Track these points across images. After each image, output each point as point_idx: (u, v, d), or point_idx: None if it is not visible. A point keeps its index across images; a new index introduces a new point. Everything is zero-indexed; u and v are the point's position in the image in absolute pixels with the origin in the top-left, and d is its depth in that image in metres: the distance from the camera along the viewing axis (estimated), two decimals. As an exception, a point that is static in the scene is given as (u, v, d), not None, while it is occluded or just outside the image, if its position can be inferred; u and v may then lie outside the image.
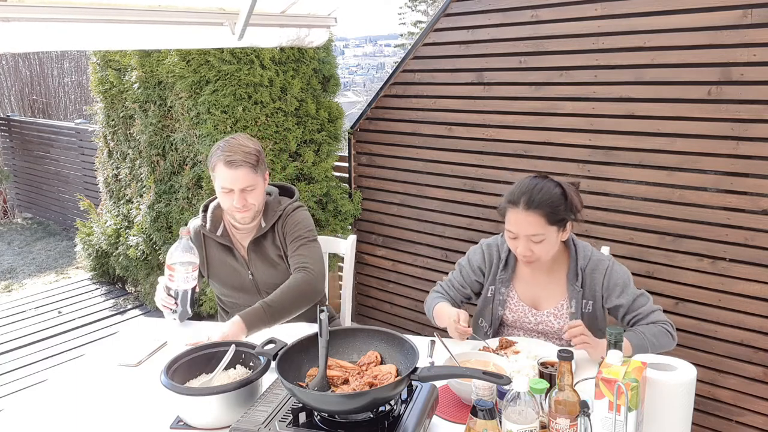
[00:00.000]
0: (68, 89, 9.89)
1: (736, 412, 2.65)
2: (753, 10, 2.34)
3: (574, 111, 2.86)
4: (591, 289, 1.92)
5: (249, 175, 2.03)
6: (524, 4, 2.92)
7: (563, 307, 1.95)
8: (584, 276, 1.92)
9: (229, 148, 2.04)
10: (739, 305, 2.56)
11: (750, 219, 2.48)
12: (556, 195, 1.83)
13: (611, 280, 1.90)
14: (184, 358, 1.62)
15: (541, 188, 1.83)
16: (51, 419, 1.58)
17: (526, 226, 1.81)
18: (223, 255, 2.21)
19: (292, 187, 2.32)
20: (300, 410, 1.34)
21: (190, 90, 3.44)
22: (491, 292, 2.03)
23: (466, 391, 1.53)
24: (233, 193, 2.04)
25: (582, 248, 1.96)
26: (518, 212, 1.82)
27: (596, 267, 1.92)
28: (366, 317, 4.00)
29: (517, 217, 1.83)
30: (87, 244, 4.91)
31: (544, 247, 1.85)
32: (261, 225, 2.18)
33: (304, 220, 2.20)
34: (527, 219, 1.81)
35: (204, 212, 2.24)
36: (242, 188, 2.03)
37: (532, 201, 1.80)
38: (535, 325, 1.98)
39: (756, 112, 2.39)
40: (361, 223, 3.89)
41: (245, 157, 2.02)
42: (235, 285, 2.22)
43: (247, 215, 2.09)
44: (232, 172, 2.01)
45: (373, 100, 3.68)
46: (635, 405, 1.28)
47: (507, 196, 1.88)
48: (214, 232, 2.18)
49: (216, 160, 2.04)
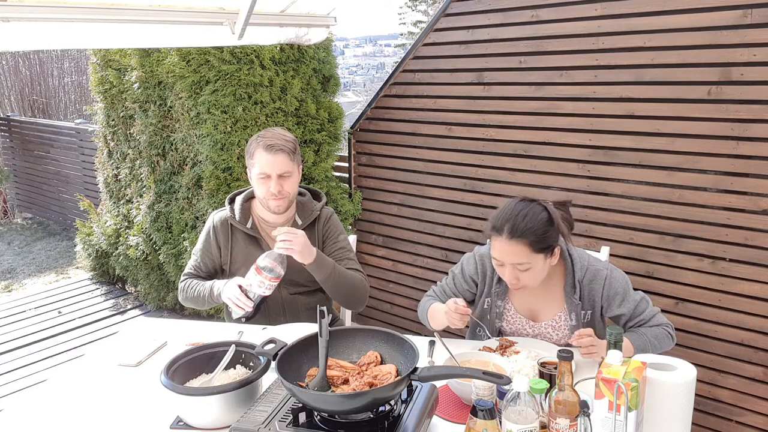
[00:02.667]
0: (68, 89, 9.89)
1: (736, 412, 2.65)
2: (753, 10, 2.34)
3: (574, 111, 2.86)
4: (590, 300, 1.89)
5: (287, 161, 2.09)
6: (524, 4, 2.92)
7: (561, 319, 1.92)
8: (582, 288, 1.88)
9: (270, 134, 2.11)
10: (739, 305, 2.56)
11: (750, 219, 2.48)
12: (541, 222, 1.77)
13: (611, 290, 1.86)
14: (184, 358, 1.62)
15: (525, 215, 1.77)
16: (51, 419, 1.58)
17: (510, 255, 1.77)
18: (250, 248, 2.20)
19: (318, 190, 2.36)
20: (300, 410, 1.34)
21: (190, 90, 3.44)
22: (488, 305, 2.01)
23: (466, 391, 1.53)
24: (269, 180, 2.08)
25: (578, 259, 1.90)
26: (502, 241, 1.77)
27: (594, 278, 1.87)
28: (366, 317, 3.99)
29: (501, 246, 1.78)
30: (87, 244, 4.91)
31: (531, 275, 1.79)
32: (297, 222, 2.21)
33: (344, 230, 2.29)
34: (511, 248, 1.75)
35: (231, 204, 2.25)
36: (279, 174, 2.08)
37: (516, 230, 1.74)
38: (533, 336, 1.97)
39: (756, 112, 2.39)
40: (361, 223, 3.89)
41: (284, 143, 2.09)
42: None
43: (282, 203, 2.13)
44: (272, 156, 2.07)
45: (373, 100, 3.67)
46: (635, 405, 1.28)
47: (491, 221, 1.82)
48: (244, 224, 2.20)
49: (255, 146, 2.10)
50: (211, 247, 2.25)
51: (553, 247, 1.81)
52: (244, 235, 2.21)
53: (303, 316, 2.21)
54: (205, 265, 2.26)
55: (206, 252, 2.26)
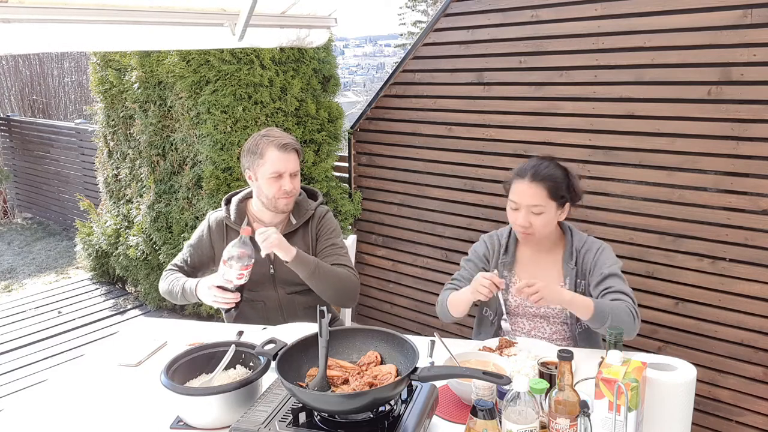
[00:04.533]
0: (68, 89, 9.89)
1: (736, 412, 2.65)
2: (753, 10, 2.34)
3: (574, 111, 2.86)
4: (583, 269, 2.00)
5: (297, 160, 2.14)
6: (524, 4, 2.92)
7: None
8: (578, 256, 2.01)
9: (278, 134, 2.13)
10: (739, 305, 2.56)
11: (750, 219, 2.48)
12: (560, 173, 1.97)
13: (602, 255, 1.99)
14: (184, 358, 1.62)
15: (548, 165, 1.97)
16: (51, 419, 1.58)
17: (529, 196, 1.93)
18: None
19: (314, 190, 2.37)
20: (300, 410, 1.34)
21: (190, 90, 3.44)
22: None
23: (466, 391, 1.53)
24: (281, 179, 2.10)
25: (578, 233, 2.07)
26: (523, 183, 1.95)
27: (590, 248, 2.01)
28: (366, 317, 3.99)
29: (521, 188, 1.95)
30: (87, 244, 4.91)
31: (542, 220, 1.94)
32: (291, 221, 2.22)
33: (337, 228, 2.29)
34: (531, 190, 1.93)
35: (227, 205, 2.27)
36: (293, 172, 2.11)
37: (538, 174, 1.94)
38: (537, 308, 2.03)
39: (756, 112, 2.39)
40: (361, 223, 3.89)
41: (294, 143, 2.14)
42: (254, 278, 2.16)
43: (291, 202, 2.16)
44: (286, 155, 2.10)
45: (373, 100, 3.67)
46: (635, 405, 1.28)
47: (515, 170, 2.01)
48: (239, 224, 2.19)
49: (266, 146, 2.10)
50: (203, 245, 2.26)
51: (566, 200, 1.98)
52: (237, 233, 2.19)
53: (301, 315, 2.22)
54: (192, 260, 2.28)
55: (197, 249, 2.27)
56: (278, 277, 2.21)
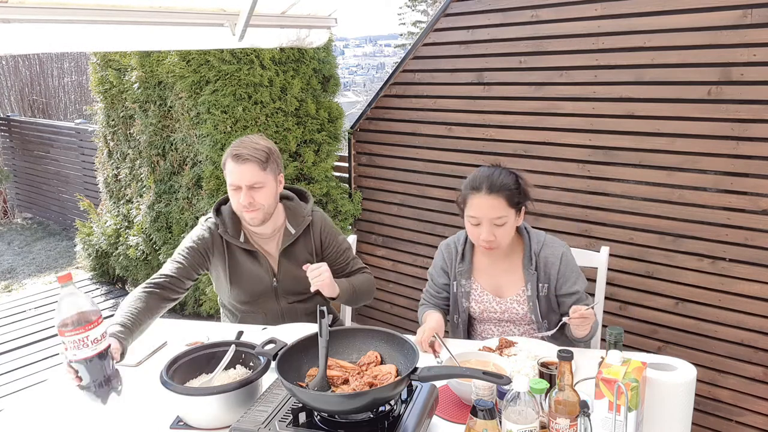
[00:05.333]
0: (68, 89, 9.90)
1: (736, 412, 2.65)
2: (753, 10, 2.34)
3: (574, 111, 2.86)
4: (546, 274, 1.98)
5: (256, 171, 1.98)
6: (524, 4, 2.92)
7: (524, 293, 2.00)
8: (538, 260, 1.99)
9: (239, 143, 2.01)
10: (739, 305, 2.56)
11: (750, 219, 2.48)
12: (513, 179, 1.93)
13: (568, 267, 1.97)
14: (184, 358, 1.62)
15: (500, 174, 1.93)
16: (51, 419, 1.58)
17: (489, 209, 1.88)
18: (248, 261, 2.12)
19: (303, 190, 2.28)
20: (300, 410, 1.34)
21: (190, 90, 3.44)
22: (455, 287, 2.09)
23: (466, 391, 1.53)
24: (240, 191, 1.99)
25: (535, 234, 2.03)
26: (481, 197, 1.89)
27: (551, 252, 1.98)
28: (366, 317, 4.00)
29: (480, 202, 1.90)
30: (87, 244, 4.91)
31: (505, 231, 1.91)
32: (290, 231, 2.13)
33: (337, 229, 2.25)
34: (490, 202, 1.88)
35: (218, 215, 2.14)
36: (249, 185, 1.98)
37: (494, 185, 1.89)
38: (501, 313, 2.03)
39: (756, 112, 2.39)
40: (361, 223, 3.89)
41: (253, 152, 1.98)
42: (257, 291, 2.15)
43: (255, 216, 2.02)
44: (239, 166, 1.97)
45: (373, 100, 3.68)
46: (635, 405, 1.28)
47: (467, 184, 1.95)
48: (237, 238, 2.10)
49: (226, 156, 2.02)
50: (198, 254, 2.08)
51: (521, 205, 1.95)
52: (240, 250, 2.12)
53: (302, 321, 2.20)
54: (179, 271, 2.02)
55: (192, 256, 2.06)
56: (281, 289, 2.16)
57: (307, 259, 2.15)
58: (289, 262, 2.14)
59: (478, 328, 2.12)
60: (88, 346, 1.40)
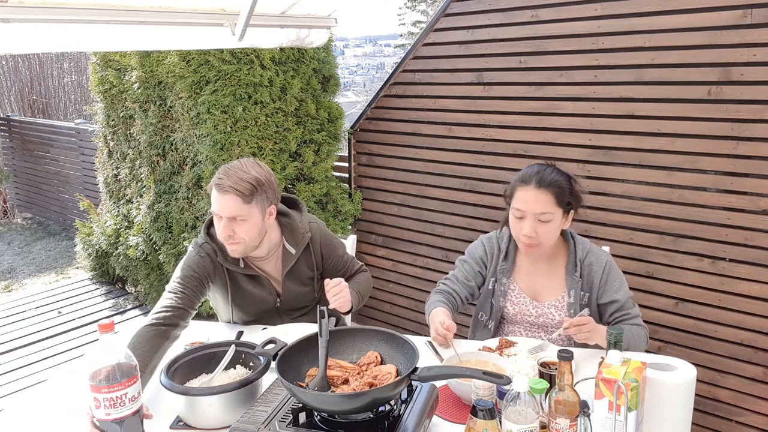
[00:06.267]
0: (68, 89, 9.90)
1: (736, 412, 2.65)
2: (753, 10, 2.34)
3: (574, 111, 2.86)
4: (589, 282, 1.95)
5: (237, 204, 1.84)
6: (524, 4, 2.92)
7: (563, 300, 1.96)
8: (582, 267, 1.95)
9: (225, 170, 1.87)
10: (739, 305, 2.56)
11: (750, 219, 2.48)
12: (564, 179, 1.90)
13: (610, 275, 1.94)
14: (184, 358, 1.62)
15: (551, 171, 1.90)
16: (51, 419, 1.58)
17: (535, 204, 1.84)
18: (250, 286, 2.06)
19: (295, 198, 2.18)
20: (300, 410, 1.34)
21: (190, 90, 3.44)
22: (492, 284, 2.05)
23: (466, 391, 1.53)
24: (222, 220, 1.88)
25: (581, 241, 2.00)
26: (529, 190, 1.86)
27: (595, 260, 1.95)
28: (366, 317, 4.00)
29: (527, 195, 1.86)
30: (87, 244, 4.91)
31: (549, 229, 1.87)
32: (290, 251, 2.06)
33: (335, 236, 2.22)
34: (538, 197, 1.84)
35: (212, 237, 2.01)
36: (229, 217, 1.86)
37: (544, 180, 1.86)
38: (536, 317, 1.99)
39: (756, 112, 2.39)
40: (361, 223, 3.89)
41: (236, 184, 1.83)
42: (259, 311, 2.12)
43: (235, 249, 1.91)
44: (220, 197, 1.85)
45: (373, 100, 3.68)
46: (635, 405, 1.28)
47: (517, 177, 1.92)
48: (237, 264, 2.01)
49: (212, 182, 1.90)
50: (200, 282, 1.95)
51: (571, 207, 1.90)
52: (241, 275, 2.04)
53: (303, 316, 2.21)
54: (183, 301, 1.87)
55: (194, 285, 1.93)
56: (283, 308, 2.13)
57: (309, 275, 2.13)
58: (292, 282, 2.10)
59: (505, 329, 2.08)
60: (125, 405, 1.29)
